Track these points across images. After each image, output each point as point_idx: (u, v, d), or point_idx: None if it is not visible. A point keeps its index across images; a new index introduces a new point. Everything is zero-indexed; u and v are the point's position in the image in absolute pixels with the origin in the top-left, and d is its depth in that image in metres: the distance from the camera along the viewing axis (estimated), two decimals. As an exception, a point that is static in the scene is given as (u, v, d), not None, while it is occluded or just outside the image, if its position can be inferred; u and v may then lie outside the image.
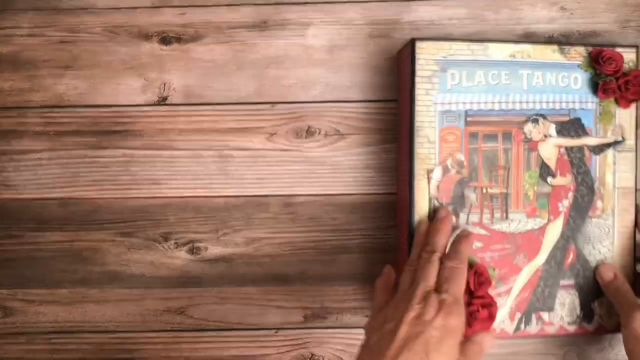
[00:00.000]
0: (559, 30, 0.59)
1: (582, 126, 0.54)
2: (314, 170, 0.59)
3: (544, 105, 0.54)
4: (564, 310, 0.55)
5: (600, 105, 0.54)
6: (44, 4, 0.58)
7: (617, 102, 0.54)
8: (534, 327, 0.54)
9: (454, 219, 0.53)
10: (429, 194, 0.52)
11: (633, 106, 0.55)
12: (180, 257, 0.59)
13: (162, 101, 0.58)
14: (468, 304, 0.49)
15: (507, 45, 0.53)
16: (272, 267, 0.59)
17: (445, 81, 0.52)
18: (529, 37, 0.58)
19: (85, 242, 0.59)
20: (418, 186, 0.52)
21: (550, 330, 0.55)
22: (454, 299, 0.44)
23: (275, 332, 0.60)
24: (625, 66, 0.54)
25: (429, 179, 0.52)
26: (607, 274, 0.53)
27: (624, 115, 0.55)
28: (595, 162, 0.54)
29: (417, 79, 0.52)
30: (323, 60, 0.58)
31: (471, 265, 0.51)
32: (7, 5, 0.58)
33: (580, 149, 0.54)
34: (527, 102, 0.53)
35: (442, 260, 0.47)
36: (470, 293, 0.50)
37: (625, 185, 0.55)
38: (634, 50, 0.55)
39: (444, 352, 0.42)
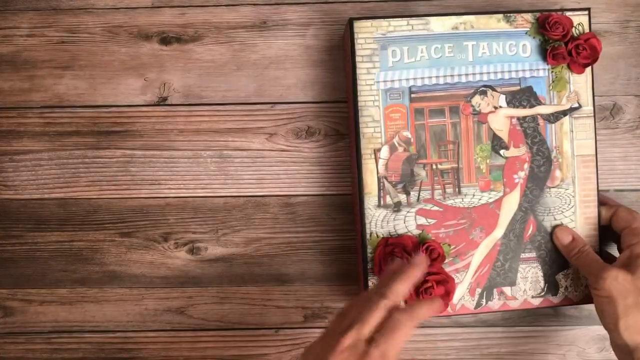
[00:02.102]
0: (559, 30, 0.59)
1: (534, 95, 0.53)
2: (314, 170, 0.58)
3: (492, 76, 0.53)
4: (527, 284, 0.54)
5: (552, 72, 0.53)
6: (43, 4, 0.58)
7: (569, 67, 0.53)
8: (495, 303, 0.54)
9: (405, 197, 0.52)
10: (377, 173, 0.52)
11: (587, 71, 0.53)
12: (180, 257, 0.59)
13: (162, 101, 0.58)
14: (423, 281, 0.49)
15: (449, 18, 0.52)
16: (271, 267, 0.59)
17: (386, 59, 0.52)
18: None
19: (85, 242, 0.59)
20: (366, 166, 0.52)
21: (514, 304, 0.54)
22: (381, 355, 0.39)
23: (275, 332, 0.60)
24: (576, 30, 0.53)
25: (376, 158, 0.52)
26: (565, 238, 0.53)
27: (579, 81, 0.53)
28: (551, 131, 0.53)
29: (357, 59, 0.51)
30: (323, 61, 0.58)
31: (424, 242, 0.51)
32: (7, 5, 0.58)
33: (534, 118, 0.53)
34: (473, 74, 0.53)
35: (392, 310, 0.42)
36: None
37: (584, 153, 0.54)
38: (585, 12, 0.53)
39: None
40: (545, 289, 0.54)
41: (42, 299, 0.59)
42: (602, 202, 0.54)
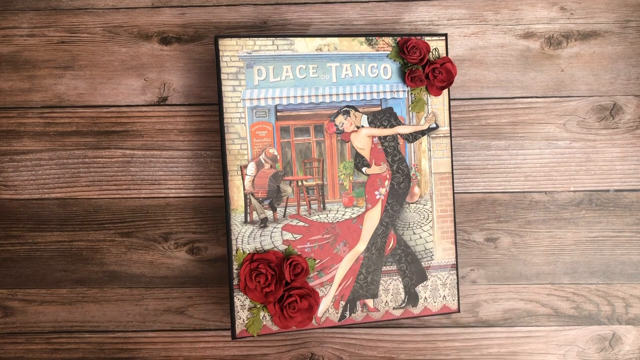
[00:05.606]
0: (559, 30, 0.59)
1: (394, 115, 0.55)
2: (314, 170, 0.58)
3: (354, 97, 0.54)
4: (388, 295, 0.56)
5: (411, 93, 0.55)
6: (44, 4, 0.58)
7: (427, 90, 0.56)
8: (359, 315, 0.55)
9: (271, 213, 0.53)
10: (244, 189, 0.53)
11: (444, 93, 0.56)
12: (180, 257, 0.59)
13: (162, 101, 0.58)
14: (286, 296, 0.51)
15: (313, 39, 0.54)
16: (271, 267, 0.59)
17: (252, 77, 0.53)
18: (529, 37, 0.59)
19: (85, 242, 0.59)
20: (232, 182, 0.53)
21: (376, 316, 0.56)
22: None
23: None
24: (432, 54, 0.56)
25: (243, 175, 0.53)
26: None
27: (437, 102, 0.56)
28: (410, 150, 0.56)
29: (222, 76, 0.52)
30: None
31: (288, 257, 0.52)
32: (7, 5, 0.58)
33: (394, 137, 0.55)
34: (337, 95, 0.54)
35: None
36: (286, 284, 0.51)
37: (441, 171, 0.56)
38: (442, 38, 0.56)
39: None
40: (406, 300, 0.56)
41: (42, 299, 0.59)
42: None
